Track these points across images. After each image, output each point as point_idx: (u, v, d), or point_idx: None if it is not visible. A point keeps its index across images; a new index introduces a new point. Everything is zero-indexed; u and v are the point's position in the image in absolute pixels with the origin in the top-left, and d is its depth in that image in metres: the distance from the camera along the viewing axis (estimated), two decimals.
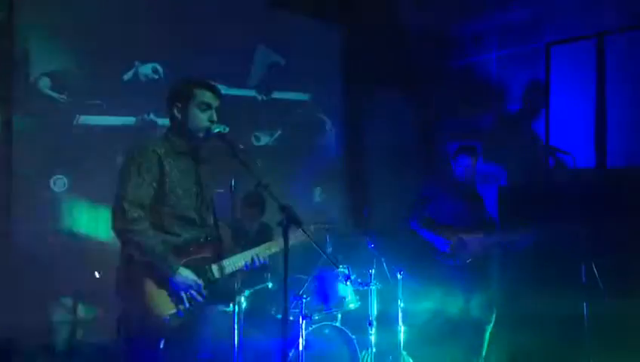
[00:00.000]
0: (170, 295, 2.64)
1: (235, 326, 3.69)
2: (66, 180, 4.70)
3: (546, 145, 5.25)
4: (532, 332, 4.37)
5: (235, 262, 2.88)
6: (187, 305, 2.66)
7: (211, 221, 2.89)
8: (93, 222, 4.61)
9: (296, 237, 2.87)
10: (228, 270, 2.85)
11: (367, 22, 6.05)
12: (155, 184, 2.68)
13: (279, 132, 5.90)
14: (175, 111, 2.79)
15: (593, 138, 4.98)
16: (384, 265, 4.34)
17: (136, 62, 5.07)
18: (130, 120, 5.03)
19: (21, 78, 4.61)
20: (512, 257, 4.52)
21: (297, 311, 3.84)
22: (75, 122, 4.79)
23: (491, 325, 4.44)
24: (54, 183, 4.68)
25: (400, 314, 4.25)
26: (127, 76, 5.05)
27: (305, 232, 2.80)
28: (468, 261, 4.31)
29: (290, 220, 2.60)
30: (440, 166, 4.94)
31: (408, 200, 4.67)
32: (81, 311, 4.31)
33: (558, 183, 4.94)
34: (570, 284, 3.94)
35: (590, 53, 5.01)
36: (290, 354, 3.75)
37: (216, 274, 2.80)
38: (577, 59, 5.11)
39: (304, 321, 3.84)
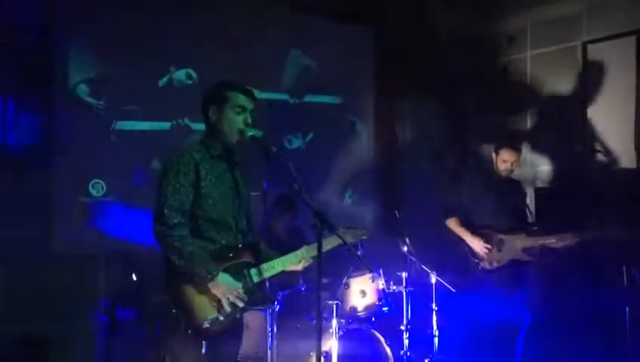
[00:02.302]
0: (210, 300, 2.65)
1: (270, 330, 3.71)
2: (103, 184, 4.82)
3: (585, 145, 5.13)
4: (570, 336, 4.27)
5: (275, 266, 2.86)
6: (228, 309, 2.66)
7: (247, 225, 2.89)
8: (130, 226, 4.70)
9: (330, 242, 2.85)
10: (267, 274, 2.84)
11: (398, 23, 6.02)
12: (192, 188, 2.69)
13: (311, 135, 5.92)
14: (210, 114, 2.80)
15: (633, 138, 4.85)
16: (417, 267, 4.31)
17: (171, 68, 5.16)
18: (165, 125, 5.12)
19: (60, 85, 4.74)
20: (551, 259, 4.42)
21: (331, 314, 3.84)
22: (112, 128, 4.90)
23: (527, 329, 4.34)
24: (92, 187, 4.80)
25: (434, 318, 4.21)
26: (162, 82, 5.14)
27: (340, 237, 2.78)
28: (505, 263, 4.23)
29: (324, 225, 2.58)
30: (475, 166, 4.86)
31: (442, 200, 4.61)
32: (119, 313, 4.39)
33: (598, 184, 4.82)
34: (611, 288, 3.85)
35: (629, 51, 4.88)
36: (324, 358, 3.74)
37: (255, 278, 2.79)
38: (615, 57, 4.99)
39: (337, 325, 3.84)
